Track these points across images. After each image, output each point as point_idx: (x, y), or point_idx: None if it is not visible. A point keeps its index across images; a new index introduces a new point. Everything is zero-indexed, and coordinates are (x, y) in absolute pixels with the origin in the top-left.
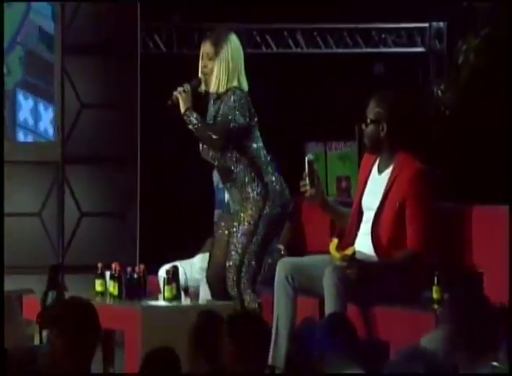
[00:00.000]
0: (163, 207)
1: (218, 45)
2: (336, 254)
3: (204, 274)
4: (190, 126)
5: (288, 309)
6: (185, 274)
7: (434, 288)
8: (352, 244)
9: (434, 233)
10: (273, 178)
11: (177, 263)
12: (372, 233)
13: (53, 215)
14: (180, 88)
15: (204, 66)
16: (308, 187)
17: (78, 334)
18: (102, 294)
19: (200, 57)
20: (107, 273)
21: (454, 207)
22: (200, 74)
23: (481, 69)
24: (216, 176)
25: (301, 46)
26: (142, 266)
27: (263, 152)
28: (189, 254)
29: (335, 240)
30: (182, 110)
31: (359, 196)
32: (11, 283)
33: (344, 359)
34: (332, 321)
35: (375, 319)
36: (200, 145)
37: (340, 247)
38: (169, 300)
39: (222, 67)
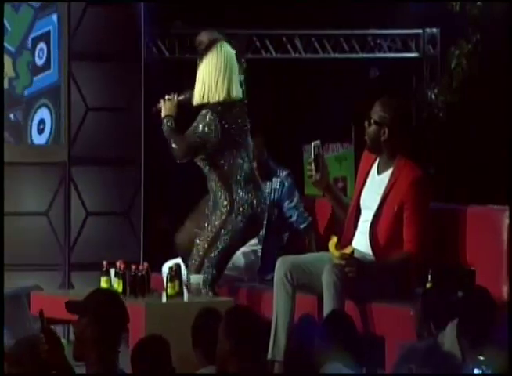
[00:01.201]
0: (166, 207)
1: (202, 53)
2: (335, 253)
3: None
4: (163, 127)
5: (287, 306)
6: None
7: (428, 285)
8: (350, 241)
9: (429, 237)
10: (245, 197)
11: (179, 260)
12: (370, 232)
13: (60, 215)
14: (166, 96)
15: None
16: (313, 172)
17: (107, 322)
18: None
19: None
20: (112, 271)
21: (447, 207)
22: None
23: (473, 73)
24: None
25: (299, 51)
26: (145, 264)
27: (241, 169)
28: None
29: (334, 239)
30: (162, 115)
31: (358, 194)
32: (19, 281)
33: (340, 354)
34: (332, 318)
35: (371, 316)
36: None
37: (339, 246)
38: (172, 296)
39: (201, 79)
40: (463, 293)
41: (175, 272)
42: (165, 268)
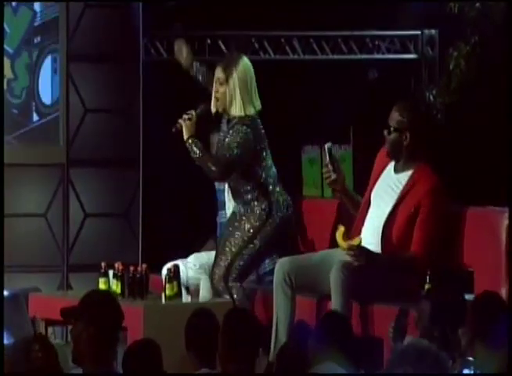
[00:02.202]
0: (165, 208)
1: (227, 70)
2: (342, 244)
3: (201, 272)
4: (192, 154)
5: (287, 308)
6: (187, 272)
7: (427, 286)
8: (359, 234)
9: (439, 243)
10: (280, 198)
11: (178, 262)
12: (383, 230)
13: (58, 216)
14: (185, 116)
15: (216, 91)
16: (331, 173)
17: (101, 322)
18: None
19: (214, 82)
20: (110, 272)
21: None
22: (212, 99)
23: (471, 75)
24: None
25: (297, 53)
26: (144, 265)
27: (271, 171)
28: (190, 253)
29: (341, 228)
30: (185, 138)
31: (371, 188)
32: (18, 282)
33: (336, 354)
34: (328, 319)
35: (371, 316)
36: None
37: (347, 236)
38: (171, 298)
39: (233, 92)
40: (473, 296)
41: (174, 273)
42: (164, 270)
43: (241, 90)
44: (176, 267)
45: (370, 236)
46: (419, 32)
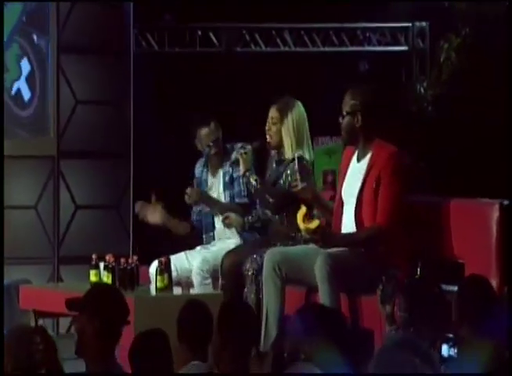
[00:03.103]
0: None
1: (283, 112)
2: (301, 225)
3: (196, 267)
4: (249, 186)
5: (277, 298)
6: (176, 267)
7: (417, 278)
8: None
9: (405, 213)
10: None
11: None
12: (355, 217)
13: (49, 208)
14: (241, 150)
15: (269, 129)
16: (298, 182)
17: (108, 316)
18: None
19: (267, 120)
20: (101, 264)
21: (436, 200)
22: (267, 136)
23: (462, 67)
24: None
25: (288, 45)
26: (135, 257)
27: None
28: (180, 246)
29: (303, 209)
30: (242, 171)
31: (340, 187)
32: (8, 274)
33: (327, 345)
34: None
35: (361, 308)
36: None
37: (307, 218)
38: (161, 290)
39: (287, 134)
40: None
41: (165, 265)
42: (152, 268)
43: (294, 131)
44: (167, 259)
45: (350, 230)
46: (409, 24)
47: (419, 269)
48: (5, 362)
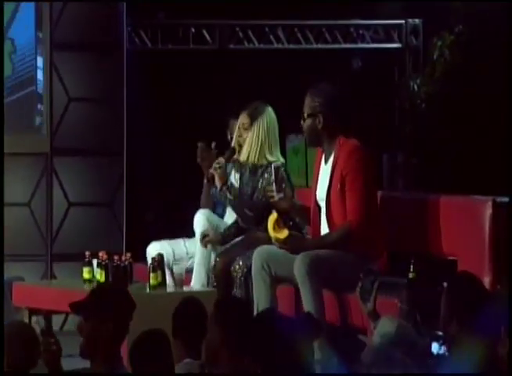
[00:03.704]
0: (149, 197)
1: (253, 117)
2: (271, 233)
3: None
4: (227, 201)
5: (267, 296)
6: (173, 252)
7: (410, 275)
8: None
9: (373, 206)
10: None
11: (165, 243)
12: (327, 221)
13: (42, 205)
14: (216, 165)
15: (239, 136)
16: (274, 193)
17: (121, 319)
18: (90, 281)
19: (237, 127)
20: (94, 261)
21: (428, 197)
22: (234, 144)
23: (455, 64)
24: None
25: (282, 42)
26: (128, 254)
27: None
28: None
29: (274, 214)
30: (218, 186)
31: (314, 192)
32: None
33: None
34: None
35: (349, 305)
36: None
37: (279, 225)
38: (155, 287)
39: (255, 139)
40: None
41: (158, 262)
42: (150, 249)
43: (264, 138)
44: (160, 256)
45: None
46: (403, 21)
47: (412, 266)
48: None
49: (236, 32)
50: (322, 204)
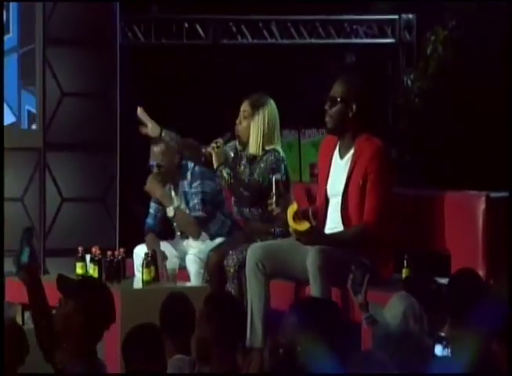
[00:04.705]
0: (142, 193)
1: (255, 107)
2: (291, 223)
3: (192, 255)
4: (223, 182)
5: (261, 294)
6: (163, 253)
7: (404, 270)
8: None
9: (392, 209)
10: None
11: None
12: (341, 215)
13: (35, 201)
14: (213, 144)
15: (239, 123)
16: (274, 206)
17: (94, 317)
18: (83, 276)
19: (239, 114)
20: (87, 257)
21: (422, 192)
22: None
23: (449, 59)
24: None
25: (275, 37)
26: (121, 250)
27: None
28: (166, 238)
29: (294, 206)
30: (215, 166)
31: (324, 183)
32: None
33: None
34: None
35: (352, 300)
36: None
37: (298, 217)
38: (148, 283)
39: (258, 130)
40: (450, 277)
41: (151, 257)
42: (138, 250)
43: (264, 129)
44: (154, 251)
45: (336, 230)
46: (396, 16)
47: (405, 262)
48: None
49: (229, 27)
50: (335, 200)
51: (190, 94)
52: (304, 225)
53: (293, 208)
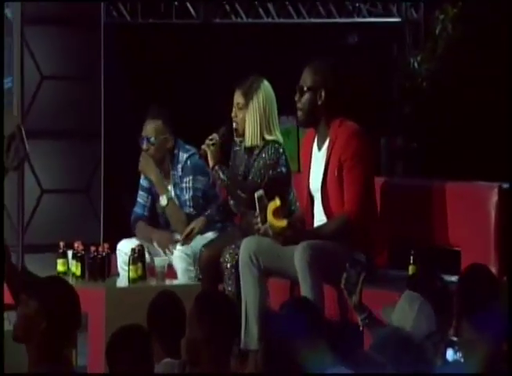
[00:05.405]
0: (128, 183)
1: (248, 96)
2: (269, 218)
3: (178, 251)
4: (219, 181)
5: (256, 291)
6: (148, 248)
7: (411, 267)
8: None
9: (372, 196)
10: None
11: (136, 241)
12: (324, 211)
13: (13, 192)
14: (208, 141)
15: (235, 116)
16: (260, 225)
17: (57, 321)
18: (64, 274)
19: (233, 106)
20: (69, 252)
21: (430, 183)
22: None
23: (460, 39)
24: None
25: (272, 16)
26: (106, 245)
27: (295, 204)
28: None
29: (277, 201)
30: (211, 165)
31: (306, 178)
32: None
33: (314, 342)
34: (293, 306)
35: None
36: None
37: (278, 213)
38: (135, 281)
39: (253, 119)
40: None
41: (138, 253)
42: (121, 246)
43: (261, 117)
44: (141, 247)
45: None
46: None
47: (412, 258)
48: None
49: (222, 5)
50: (317, 195)
51: (180, 78)
52: (281, 223)
53: (275, 204)
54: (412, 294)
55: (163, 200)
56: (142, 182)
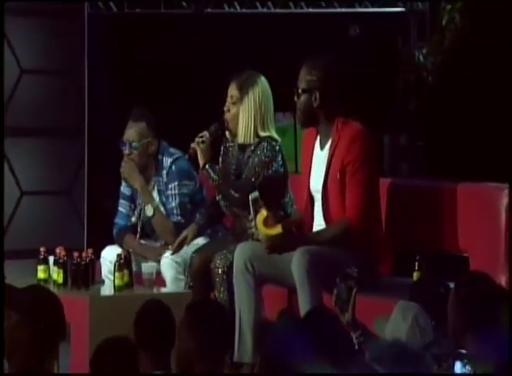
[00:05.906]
0: (113, 185)
1: (243, 89)
2: (262, 230)
3: (167, 258)
4: (210, 181)
5: (251, 301)
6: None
7: (415, 274)
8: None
9: (376, 201)
10: None
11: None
12: (324, 215)
13: None
14: (198, 139)
15: (227, 110)
16: (254, 229)
17: (40, 332)
18: (45, 281)
19: (227, 100)
20: (51, 259)
21: (436, 184)
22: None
23: (468, 31)
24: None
25: (267, 6)
26: (89, 251)
27: (291, 207)
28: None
29: (264, 213)
30: (201, 164)
31: (307, 178)
32: None
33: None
34: (314, 315)
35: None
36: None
37: (269, 222)
38: (120, 288)
39: (247, 115)
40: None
41: (125, 259)
42: (105, 254)
43: (256, 113)
44: (128, 253)
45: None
46: None
47: (417, 264)
48: None
49: None
50: (318, 196)
51: (169, 72)
52: (275, 230)
53: (262, 215)
54: (406, 303)
55: (148, 211)
56: (123, 189)
